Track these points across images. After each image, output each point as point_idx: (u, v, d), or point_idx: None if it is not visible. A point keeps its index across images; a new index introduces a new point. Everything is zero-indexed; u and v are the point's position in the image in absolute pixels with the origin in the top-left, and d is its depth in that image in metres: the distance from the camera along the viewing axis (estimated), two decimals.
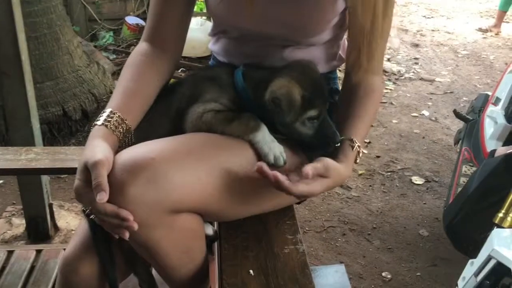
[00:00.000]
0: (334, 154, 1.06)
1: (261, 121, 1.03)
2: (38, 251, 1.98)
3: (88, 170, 0.89)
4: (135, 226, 0.87)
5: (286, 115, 1.02)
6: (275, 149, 1.02)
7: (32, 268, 1.90)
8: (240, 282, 0.96)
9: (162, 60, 1.16)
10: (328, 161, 0.99)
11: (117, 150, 1.00)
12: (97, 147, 0.93)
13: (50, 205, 2.39)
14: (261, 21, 1.13)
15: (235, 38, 1.23)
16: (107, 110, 1.03)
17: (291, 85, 1.02)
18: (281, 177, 0.93)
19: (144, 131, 1.07)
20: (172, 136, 1.02)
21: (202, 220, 1.02)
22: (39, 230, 2.38)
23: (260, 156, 1.02)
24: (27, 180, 2.29)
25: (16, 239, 2.43)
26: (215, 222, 1.16)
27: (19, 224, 2.50)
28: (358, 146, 1.07)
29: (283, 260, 1.02)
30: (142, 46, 1.17)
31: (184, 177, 0.92)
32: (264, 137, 1.02)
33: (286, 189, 0.93)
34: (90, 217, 0.99)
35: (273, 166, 1.00)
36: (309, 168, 0.94)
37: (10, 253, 1.97)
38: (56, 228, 2.46)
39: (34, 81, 3.07)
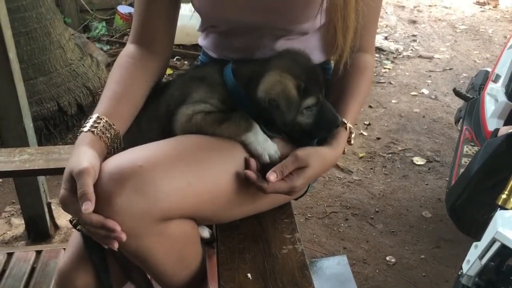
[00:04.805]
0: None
1: (253, 120, 1.00)
2: (38, 252, 1.96)
3: (73, 179, 0.86)
4: (123, 237, 0.84)
5: (287, 114, 0.98)
6: (269, 148, 0.99)
7: (33, 269, 1.87)
8: (237, 287, 0.93)
9: (150, 61, 1.12)
10: (299, 152, 0.98)
11: (106, 156, 0.97)
12: (83, 155, 0.90)
13: (49, 204, 2.37)
14: (246, 9, 1.09)
15: (224, 32, 1.19)
16: (94, 116, 0.99)
17: (283, 79, 0.98)
18: (254, 178, 0.96)
19: (134, 135, 1.03)
20: (162, 139, 0.99)
21: (195, 225, 1.00)
22: (39, 229, 2.36)
23: (253, 156, 0.99)
24: (23, 180, 2.26)
25: (16, 239, 2.41)
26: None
27: (19, 224, 2.49)
28: (350, 127, 1.05)
29: (281, 262, 0.99)
30: (129, 48, 1.13)
31: (173, 184, 0.89)
32: (257, 137, 0.99)
33: (261, 189, 0.96)
34: (77, 227, 0.96)
35: (269, 164, 0.98)
36: (271, 174, 0.95)
37: (9, 255, 1.94)
38: (56, 227, 2.44)
39: (27, 77, 3.06)
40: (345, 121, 1.06)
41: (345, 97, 1.10)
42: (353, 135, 1.07)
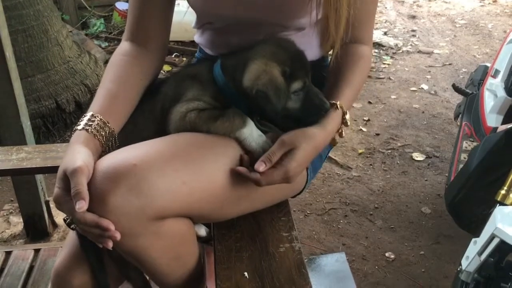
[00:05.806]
0: None
1: (246, 116, 0.99)
2: (36, 251, 1.96)
3: (67, 177, 0.86)
4: (118, 236, 0.84)
5: (276, 103, 0.97)
6: (263, 143, 0.98)
7: (31, 268, 1.87)
8: (234, 286, 0.93)
9: (145, 59, 1.11)
10: (284, 136, 0.97)
11: (101, 154, 0.96)
12: (77, 153, 0.90)
13: (47, 202, 2.36)
14: (239, 5, 1.08)
15: (220, 28, 1.18)
16: (88, 114, 0.99)
17: (268, 67, 0.97)
18: (245, 172, 0.96)
19: (129, 133, 1.03)
20: (157, 137, 0.98)
21: (191, 223, 0.99)
22: (37, 228, 2.36)
23: (247, 152, 0.98)
24: (21, 178, 2.26)
25: (14, 238, 2.40)
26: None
27: (17, 222, 2.48)
28: (341, 106, 1.04)
29: (278, 260, 0.99)
30: (123, 45, 1.13)
31: (168, 182, 0.89)
32: (251, 133, 0.98)
33: (255, 183, 0.96)
34: (71, 226, 0.96)
35: None
36: (260, 165, 0.94)
37: (8, 253, 1.94)
38: (55, 225, 2.43)
39: (24, 75, 3.05)
40: (335, 102, 1.04)
41: (338, 83, 1.09)
42: (347, 116, 1.06)
